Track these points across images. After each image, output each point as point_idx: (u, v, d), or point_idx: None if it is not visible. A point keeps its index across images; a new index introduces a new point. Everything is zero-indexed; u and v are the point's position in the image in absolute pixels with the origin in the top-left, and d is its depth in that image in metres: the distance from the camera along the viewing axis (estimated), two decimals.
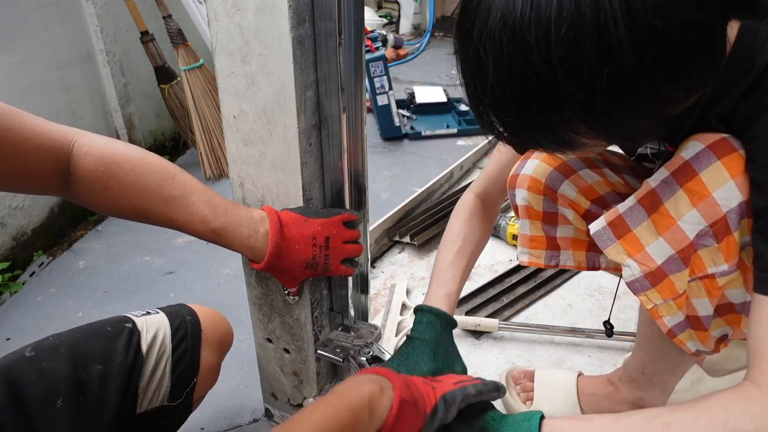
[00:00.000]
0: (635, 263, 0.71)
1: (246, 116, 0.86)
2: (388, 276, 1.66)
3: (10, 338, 1.52)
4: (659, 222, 0.68)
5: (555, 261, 0.96)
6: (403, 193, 2.06)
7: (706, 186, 0.64)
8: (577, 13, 0.47)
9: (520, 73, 0.51)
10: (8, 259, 1.78)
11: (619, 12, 0.47)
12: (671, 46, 0.49)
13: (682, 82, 0.53)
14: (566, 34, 0.48)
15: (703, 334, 0.77)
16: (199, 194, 0.81)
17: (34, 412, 0.74)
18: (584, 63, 0.49)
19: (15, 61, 1.79)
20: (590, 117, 0.53)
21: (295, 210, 0.88)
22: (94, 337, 0.84)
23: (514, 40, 0.50)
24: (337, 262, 0.89)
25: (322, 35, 0.80)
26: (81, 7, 2.06)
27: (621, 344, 1.36)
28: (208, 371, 0.95)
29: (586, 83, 0.50)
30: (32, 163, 0.72)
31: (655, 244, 0.69)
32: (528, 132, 0.58)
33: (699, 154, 0.64)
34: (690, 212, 0.65)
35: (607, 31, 0.47)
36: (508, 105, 0.55)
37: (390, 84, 2.65)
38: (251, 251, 0.84)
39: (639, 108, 0.53)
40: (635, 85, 0.50)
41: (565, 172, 0.88)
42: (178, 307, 0.95)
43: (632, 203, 0.71)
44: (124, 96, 2.26)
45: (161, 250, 1.89)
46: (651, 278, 0.71)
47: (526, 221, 0.94)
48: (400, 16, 4.75)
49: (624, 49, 0.48)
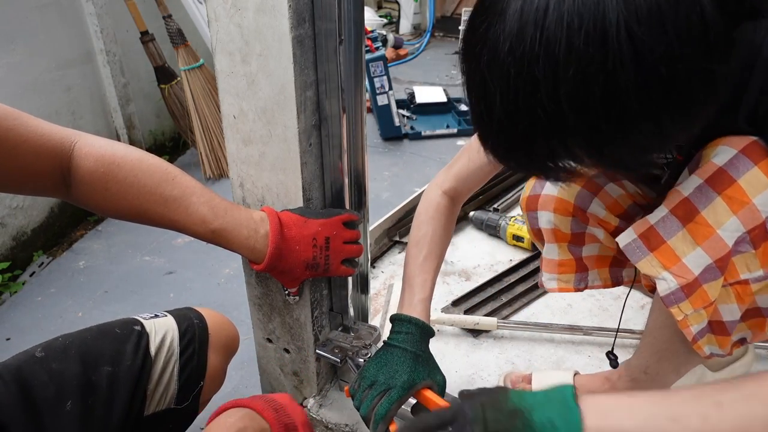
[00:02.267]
0: (671, 276, 0.68)
1: (246, 116, 0.86)
2: (388, 276, 1.66)
3: (10, 338, 1.52)
4: (696, 232, 0.66)
5: (584, 283, 0.92)
6: (403, 193, 2.06)
7: (745, 192, 0.62)
8: (585, 54, 0.48)
9: (527, 107, 0.52)
10: (8, 259, 1.78)
11: (627, 57, 0.47)
12: (677, 91, 0.50)
13: (685, 121, 0.53)
14: (575, 74, 0.48)
15: (724, 339, 0.75)
16: (198, 195, 0.81)
17: (43, 412, 0.75)
18: (591, 103, 0.49)
19: (15, 61, 1.79)
20: (594, 152, 0.54)
21: (295, 211, 0.88)
22: (103, 338, 0.84)
23: (522, 73, 0.50)
24: (337, 262, 0.89)
25: (322, 35, 0.80)
26: (81, 7, 2.06)
27: (621, 343, 1.36)
28: (215, 375, 0.95)
29: (592, 121, 0.50)
30: (33, 164, 0.72)
31: (692, 255, 0.67)
32: (531, 161, 0.58)
33: (733, 159, 0.63)
34: (730, 220, 0.63)
35: (615, 75, 0.48)
36: (514, 134, 0.55)
37: (390, 84, 2.66)
38: (251, 252, 0.84)
39: (643, 145, 0.54)
40: (640, 126, 0.51)
41: (593, 189, 0.84)
42: (186, 311, 0.96)
43: (664, 213, 0.68)
44: (124, 96, 2.26)
45: (161, 250, 1.89)
46: (687, 290, 0.68)
47: (553, 246, 0.90)
48: (400, 16, 4.75)
49: (631, 93, 0.48)
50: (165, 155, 2.53)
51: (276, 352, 1.10)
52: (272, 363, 1.12)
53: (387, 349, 0.87)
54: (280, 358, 1.10)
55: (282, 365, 1.11)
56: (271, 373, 1.15)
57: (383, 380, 0.83)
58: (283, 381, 1.14)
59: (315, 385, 1.11)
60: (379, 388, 0.83)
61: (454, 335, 1.41)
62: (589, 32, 0.47)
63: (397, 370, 0.84)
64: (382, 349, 0.88)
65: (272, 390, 1.17)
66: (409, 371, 0.84)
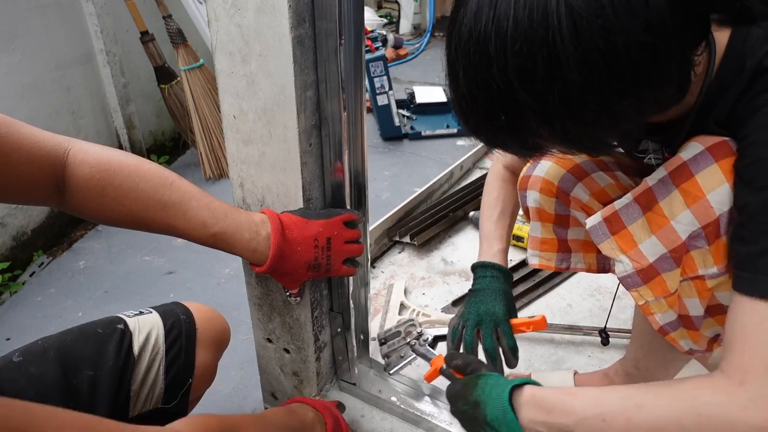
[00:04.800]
0: (628, 259, 0.72)
1: (246, 116, 0.86)
2: (388, 276, 1.66)
3: (10, 338, 1.52)
4: (653, 220, 0.69)
5: (566, 264, 0.96)
6: (403, 193, 2.06)
7: (700, 187, 0.64)
8: (530, 30, 0.51)
9: (483, 81, 0.56)
10: (8, 259, 1.79)
11: (567, 31, 0.50)
12: (617, 65, 0.52)
13: (633, 100, 0.55)
14: (520, 49, 0.52)
15: (695, 334, 0.78)
16: (198, 199, 0.80)
17: None
18: (537, 77, 0.53)
19: (15, 61, 1.79)
20: (546, 125, 0.58)
21: (296, 212, 0.88)
22: (84, 340, 0.82)
23: (479, 51, 0.55)
24: (339, 262, 0.89)
25: (322, 35, 0.80)
26: (81, 7, 2.06)
27: (621, 343, 1.36)
28: (204, 371, 0.93)
29: (539, 95, 0.54)
30: (26, 172, 0.70)
31: (647, 242, 0.70)
32: (497, 136, 0.62)
33: (697, 155, 0.65)
34: (683, 213, 0.66)
35: (556, 48, 0.51)
36: (477, 110, 0.60)
37: (390, 84, 2.65)
38: (253, 254, 0.83)
39: (592, 121, 0.56)
40: (585, 100, 0.54)
41: (578, 174, 0.87)
42: (172, 306, 0.93)
43: (629, 200, 0.72)
44: (124, 96, 2.26)
45: (161, 250, 1.89)
46: (643, 275, 0.72)
47: (537, 224, 0.94)
48: (400, 16, 4.75)
49: (572, 66, 0.51)
50: (165, 155, 2.53)
51: (276, 352, 1.10)
52: (272, 363, 1.12)
53: (479, 293, 0.94)
54: (280, 358, 1.10)
55: (282, 365, 1.11)
56: (271, 373, 1.15)
57: (488, 319, 0.91)
58: (283, 381, 1.14)
59: (315, 385, 1.11)
60: (488, 326, 0.91)
61: None
62: (533, 8, 0.51)
63: (494, 305, 0.92)
64: (474, 294, 0.95)
65: (272, 390, 1.17)
66: (502, 305, 0.92)
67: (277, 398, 1.18)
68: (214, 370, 0.98)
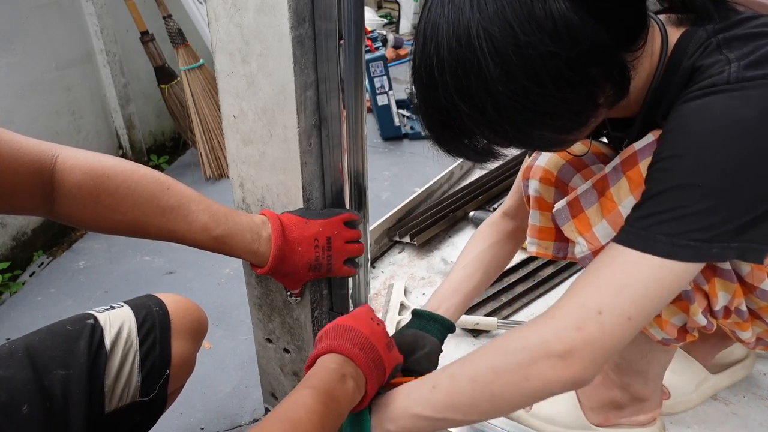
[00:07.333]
0: (584, 241, 0.78)
1: (246, 116, 0.86)
2: (388, 276, 1.66)
3: (9, 338, 1.52)
4: (605, 205, 0.74)
5: (563, 253, 0.97)
6: (403, 193, 2.06)
7: (641, 174, 0.68)
8: (460, 54, 0.60)
9: (433, 100, 0.65)
10: (8, 259, 1.79)
11: (488, 52, 0.58)
12: (535, 75, 0.58)
13: (560, 104, 0.61)
14: (455, 70, 0.61)
15: (659, 321, 0.81)
16: (197, 203, 0.79)
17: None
18: (473, 92, 0.61)
19: (15, 61, 1.79)
20: (493, 133, 0.65)
21: (295, 212, 0.88)
22: (53, 338, 0.79)
23: (427, 75, 0.64)
24: (339, 262, 0.89)
25: (322, 35, 0.80)
26: (81, 7, 2.06)
27: None
28: (182, 361, 0.90)
29: (478, 107, 0.62)
30: (10, 180, 0.67)
31: (600, 225, 0.75)
32: (453, 144, 0.70)
33: (646, 146, 0.69)
34: (628, 198, 0.70)
35: (481, 67, 0.59)
36: (434, 125, 0.68)
37: (390, 84, 2.66)
38: (255, 256, 0.83)
39: (528, 123, 0.62)
40: (516, 107, 0.61)
41: (577, 165, 0.89)
42: (145, 299, 0.92)
43: (588, 186, 0.77)
44: (124, 96, 2.26)
45: (161, 250, 1.89)
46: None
47: (536, 212, 0.96)
48: (400, 16, 4.75)
49: (497, 80, 0.59)
50: (165, 155, 2.53)
51: (276, 352, 1.10)
52: (272, 363, 1.12)
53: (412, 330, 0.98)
54: (280, 358, 1.10)
55: (282, 365, 1.11)
56: (271, 373, 1.15)
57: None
58: (283, 381, 1.14)
59: None
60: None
61: (454, 335, 1.41)
62: (460, 36, 0.59)
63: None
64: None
65: (272, 390, 1.17)
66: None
67: (277, 398, 1.18)
68: (193, 359, 0.96)
